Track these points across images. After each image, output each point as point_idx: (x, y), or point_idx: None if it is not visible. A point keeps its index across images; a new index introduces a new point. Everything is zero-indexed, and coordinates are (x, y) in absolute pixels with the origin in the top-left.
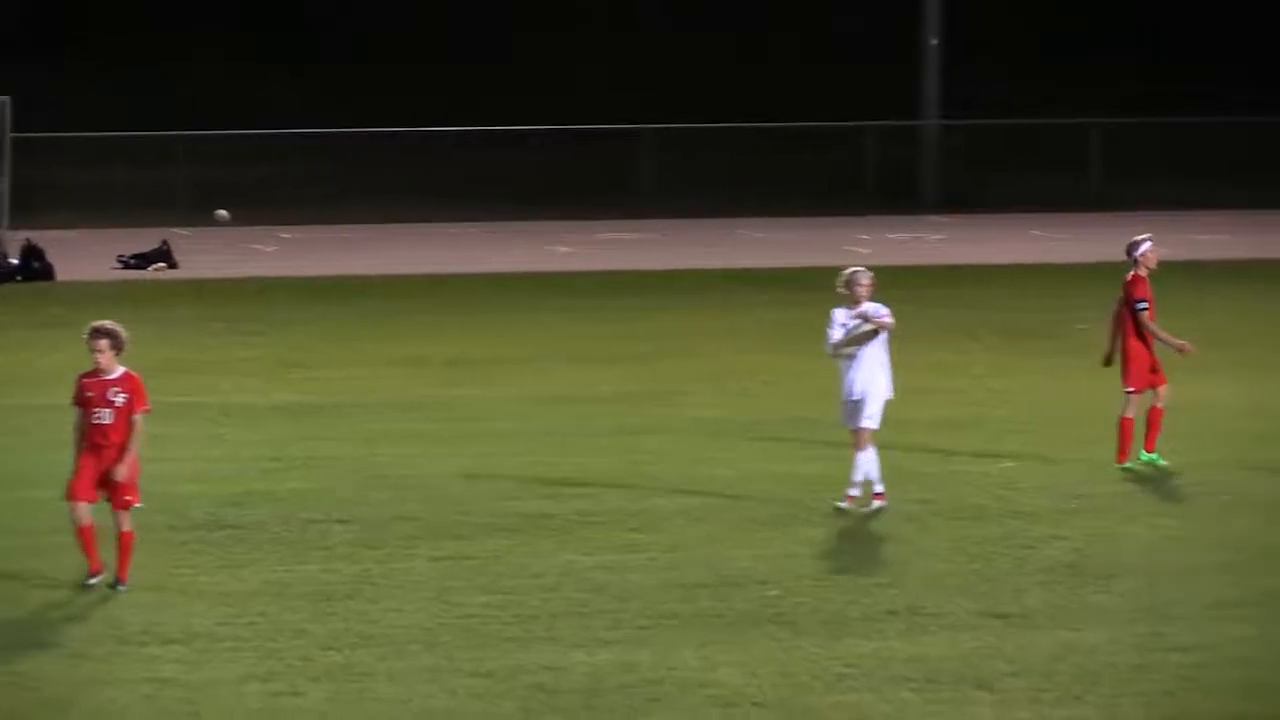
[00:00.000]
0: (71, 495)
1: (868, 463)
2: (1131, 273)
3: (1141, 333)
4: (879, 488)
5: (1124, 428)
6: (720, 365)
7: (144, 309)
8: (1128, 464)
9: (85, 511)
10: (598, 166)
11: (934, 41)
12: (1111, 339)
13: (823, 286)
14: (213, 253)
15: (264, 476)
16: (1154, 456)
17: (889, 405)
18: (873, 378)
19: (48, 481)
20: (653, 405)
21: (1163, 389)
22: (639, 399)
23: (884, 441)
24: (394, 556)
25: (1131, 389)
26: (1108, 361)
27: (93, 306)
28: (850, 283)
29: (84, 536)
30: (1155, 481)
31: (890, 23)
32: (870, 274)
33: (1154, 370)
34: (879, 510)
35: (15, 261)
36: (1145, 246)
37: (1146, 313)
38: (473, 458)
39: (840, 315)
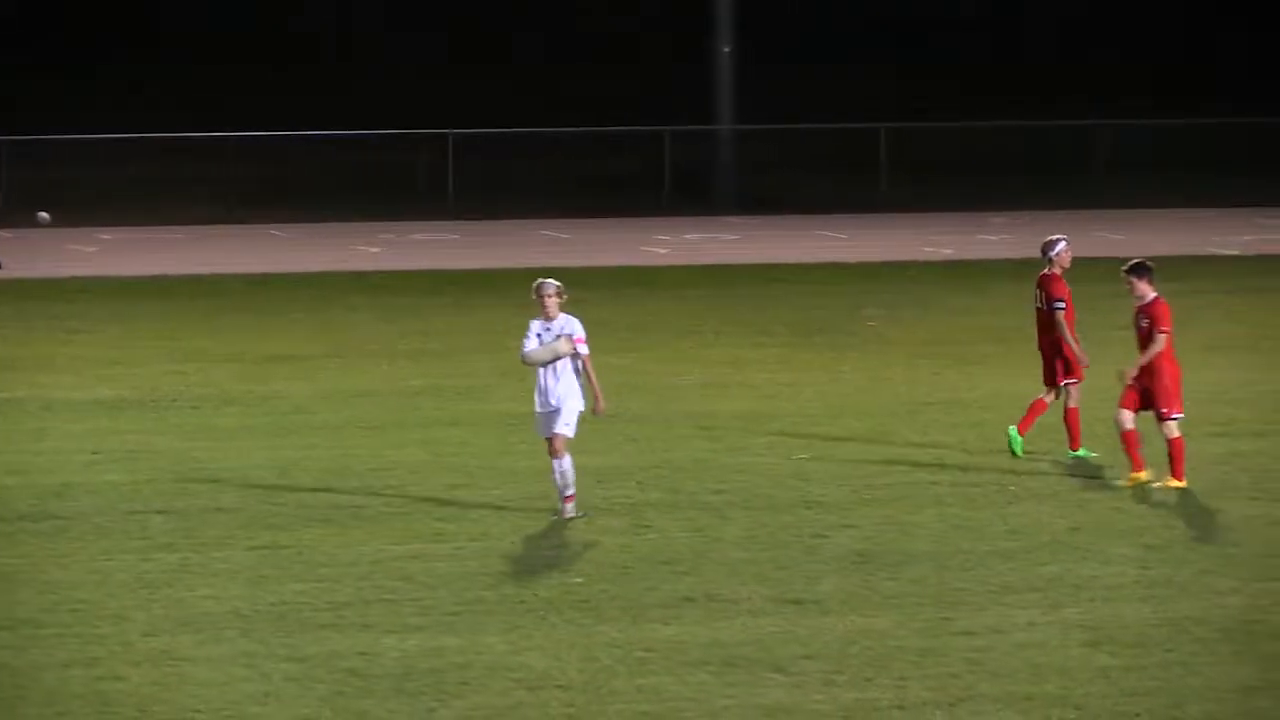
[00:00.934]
0: None
1: (565, 469)
2: (1046, 271)
3: (1061, 327)
4: (570, 491)
5: (1070, 418)
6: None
7: None
8: (1080, 452)
9: None
10: (405, 169)
11: (727, 49)
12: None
13: (621, 285)
14: (34, 253)
15: (85, 469)
16: (1083, 452)
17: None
18: (569, 388)
19: None
20: (459, 400)
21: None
22: (446, 394)
23: (682, 432)
24: (211, 546)
25: (1073, 380)
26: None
27: None
28: (538, 293)
29: None
30: (944, 471)
31: (686, 29)
32: (557, 285)
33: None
34: (573, 518)
35: None
36: (1060, 246)
37: (1063, 312)
38: (288, 450)
39: (535, 326)
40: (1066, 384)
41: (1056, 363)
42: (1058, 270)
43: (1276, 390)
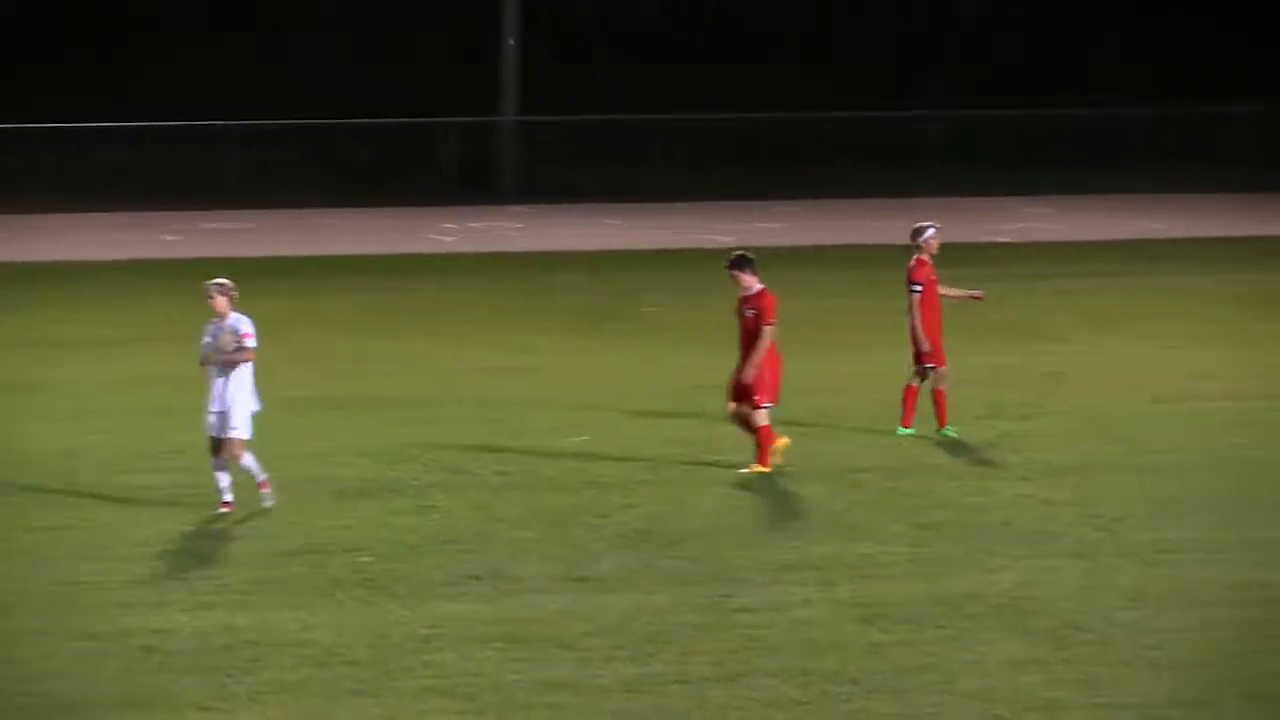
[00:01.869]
0: None
1: (248, 465)
2: (915, 257)
3: (912, 311)
4: (262, 477)
5: (937, 398)
6: (312, 346)
7: None
8: (947, 429)
9: None
10: (195, 161)
11: (511, 41)
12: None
13: (407, 273)
14: None
15: None
16: (947, 429)
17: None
18: (239, 389)
19: None
20: None
21: (944, 369)
22: None
23: (467, 415)
24: (3, 527)
25: (931, 364)
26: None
27: None
28: (208, 294)
29: None
30: (722, 451)
31: (472, 22)
32: (221, 283)
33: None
34: (268, 506)
35: None
36: (929, 233)
37: (917, 297)
38: (80, 433)
39: (210, 328)
40: (926, 367)
41: (935, 342)
42: (925, 256)
43: (1044, 374)
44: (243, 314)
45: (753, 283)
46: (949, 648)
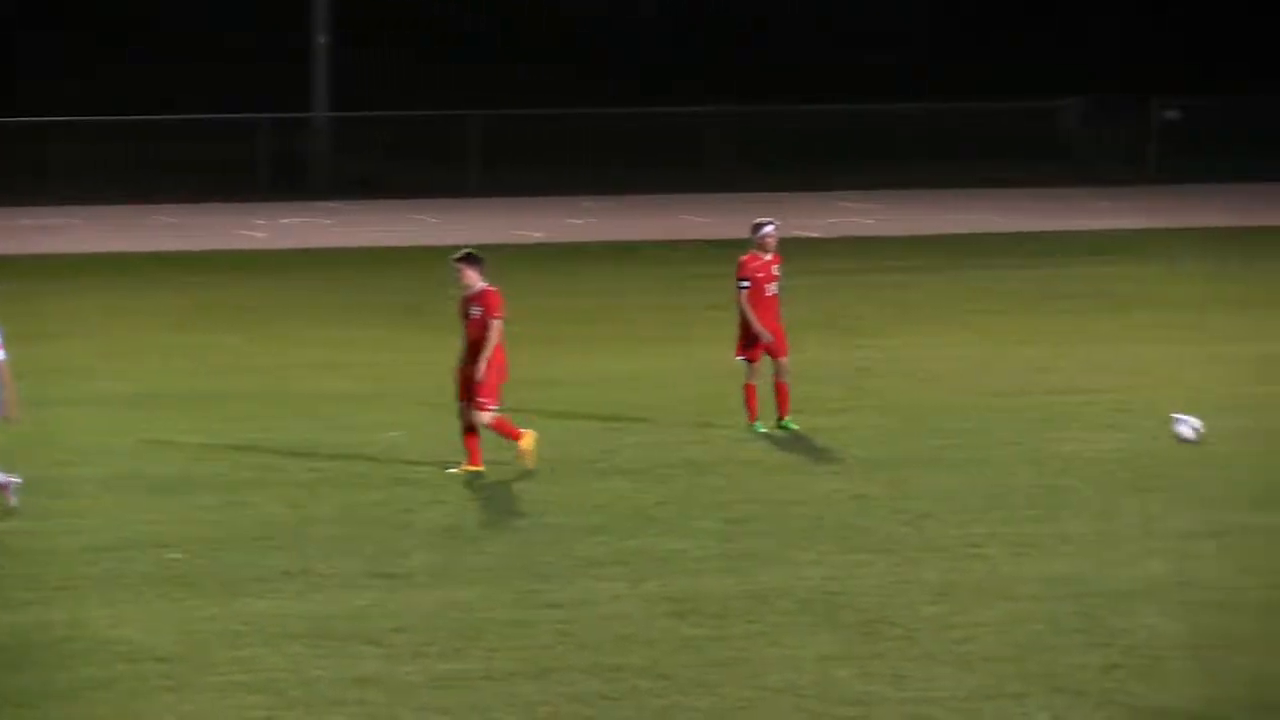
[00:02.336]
0: None
1: None
2: (749, 252)
3: (743, 306)
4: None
5: (749, 393)
6: (127, 343)
7: None
8: (788, 421)
9: None
10: (15, 157)
11: (322, 39)
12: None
13: (222, 269)
14: None
15: None
16: (788, 422)
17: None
18: None
19: None
20: (64, 380)
21: (784, 360)
22: (51, 374)
23: (280, 411)
24: None
25: (749, 358)
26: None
27: None
28: None
29: None
30: (537, 446)
31: (282, 19)
32: None
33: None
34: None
35: None
36: (767, 229)
37: (744, 292)
38: None
39: None
40: (743, 359)
41: (745, 336)
42: (762, 252)
43: (858, 368)
44: None
45: (476, 280)
46: (759, 642)
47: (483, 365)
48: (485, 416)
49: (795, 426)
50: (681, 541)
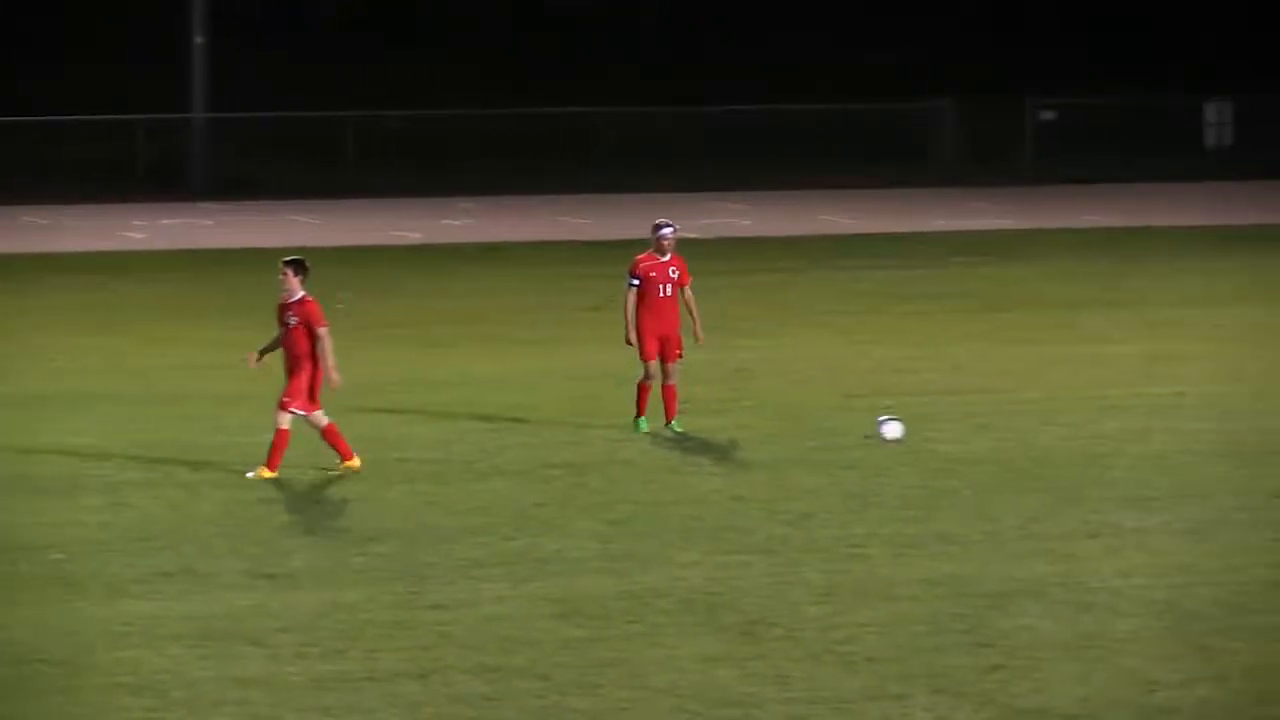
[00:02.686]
0: None
1: None
2: (647, 251)
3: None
4: None
5: (642, 392)
6: (7, 345)
7: None
8: (641, 422)
9: None
10: None
11: (200, 39)
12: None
13: (103, 269)
14: None
15: None
16: (674, 424)
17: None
18: None
19: None
20: None
21: (673, 364)
22: None
23: (162, 413)
24: None
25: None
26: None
27: None
28: None
29: None
30: (411, 448)
31: (164, 22)
32: None
33: (672, 343)
34: None
35: None
36: (665, 231)
37: (632, 291)
38: None
39: None
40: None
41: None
42: (654, 251)
43: (734, 369)
44: None
45: (297, 288)
46: (639, 643)
47: (334, 374)
48: (284, 419)
49: (681, 429)
50: (562, 542)
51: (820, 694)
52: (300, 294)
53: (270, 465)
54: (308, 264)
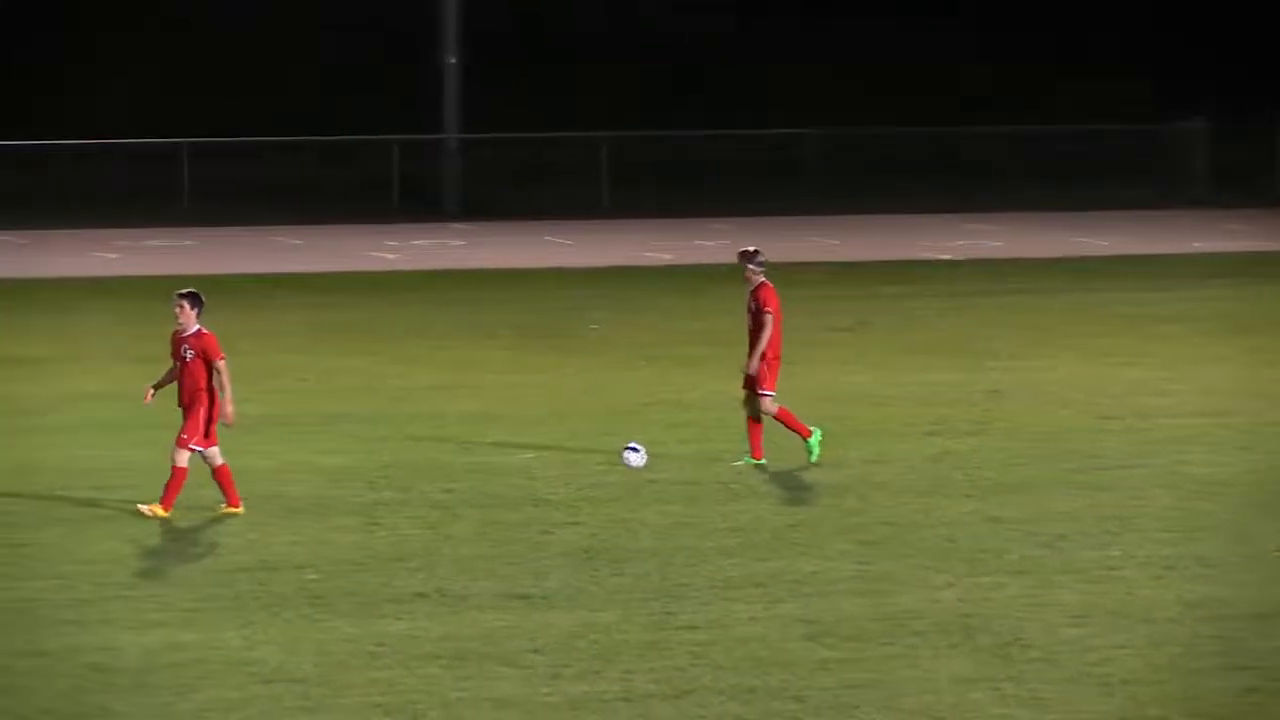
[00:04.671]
0: None
1: None
2: (761, 281)
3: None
4: None
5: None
6: (258, 363)
7: None
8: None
9: None
10: (139, 177)
11: (452, 60)
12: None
13: (354, 288)
14: None
15: None
16: (745, 458)
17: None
18: None
19: None
20: None
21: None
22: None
23: (414, 432)
24: None
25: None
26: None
27: None
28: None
29: None
30: (665, 469)
31: (413, 42)
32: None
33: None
34: None
35: None
36: (746, 263)
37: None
38: (24, 451)
39: None
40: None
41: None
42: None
43: (987, 391)
44: None
45: (192, 321)
46: (895, 665)
47: (229, 408)
48: (181, 455)
49: (742, 464)
50: (817, 563)
51: (1076, 716)
52: (196, 326)
53: (165, 504)
54: (203, 296)
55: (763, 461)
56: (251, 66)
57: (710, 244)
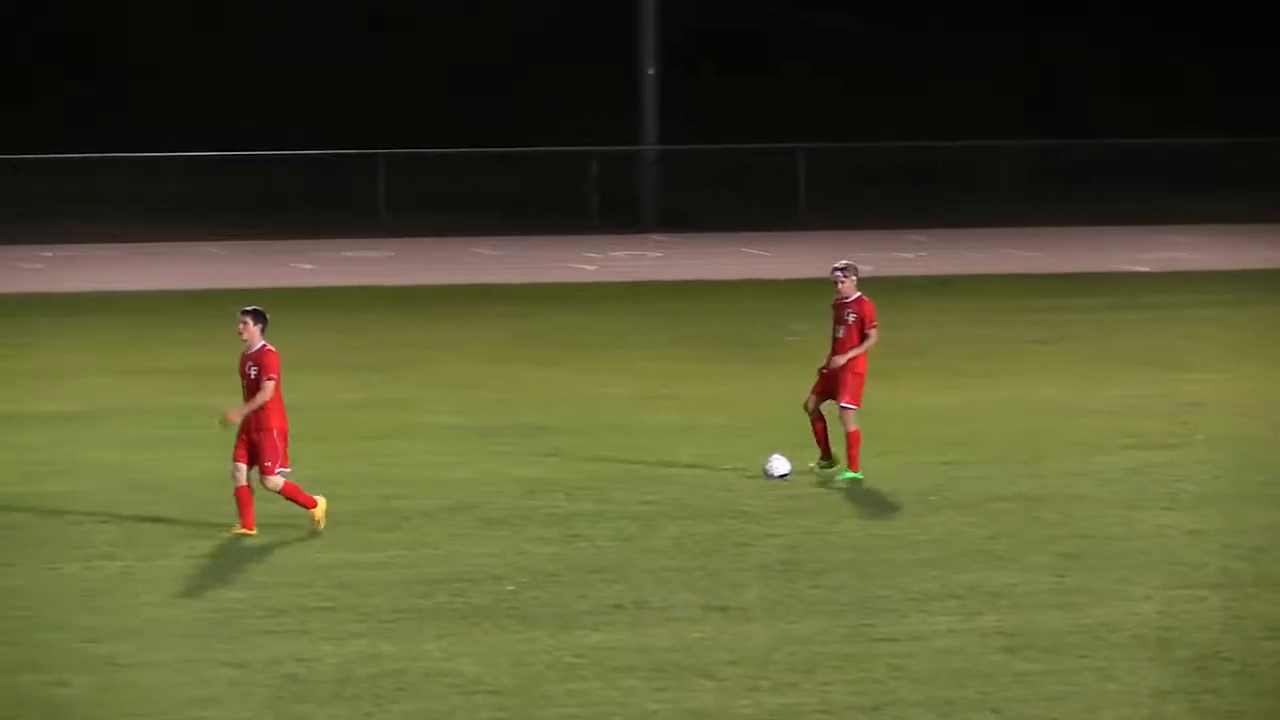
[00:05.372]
0: None
1: None
2: (856, 294)
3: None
4: None
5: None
6: (458, 374)
7: None
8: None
9: None
10: (338, 189)
11: (650, 71)
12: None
13: (553, 300)
14: None
15: (29, 479)
16: (844, 472)
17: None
18: None
19: None
20: (394, 412)
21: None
22: (381, 406)
23: (611, 444)
24: (152, 555)
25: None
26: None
27: None
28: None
29: None
30: (866, 481)
31: (611, 53)
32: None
33: (838, 388)
34: None
35: None
36: (835, 273)
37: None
38: (225, 461)
39: None
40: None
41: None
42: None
43: (1185, 403)
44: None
45: (256, 338)
46: (1091, 677)
47: (237, 413)
48: (274, 481)
49: (846, 477)
50: (1015, 576)
51: None
52: (261, 343)
53: (245, 524)
54: (267, 314)
55: (859, 475)
56: (449, 77)
57: (908, 255)
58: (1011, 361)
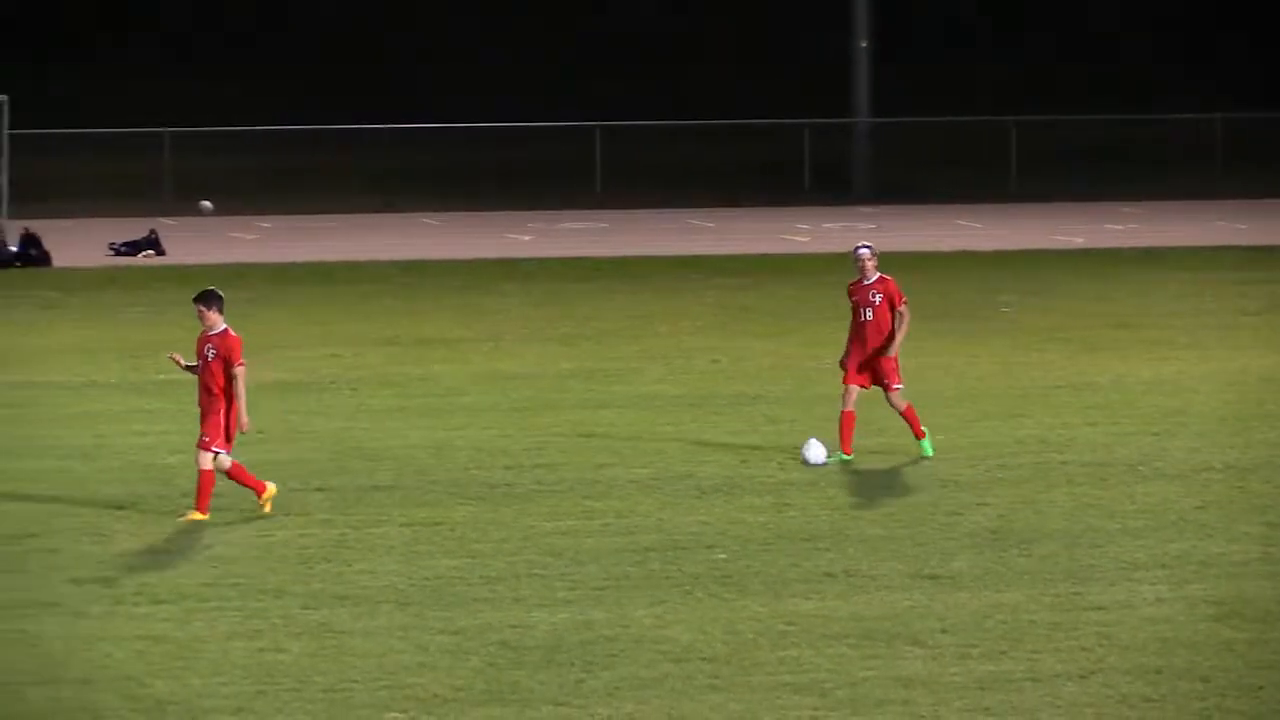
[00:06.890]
0: None
1: None
2: (878, 275)
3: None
4: None
5: (842, 420)
6: (671, 345)
7: (133, 292)
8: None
9: None
10: (555, 161)
11: (864, 43)
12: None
13: (766, 271)
14: (196, 241)
15: (248, 448)
16: (923, 444)
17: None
18: None
19: (46, 453)
20: (608, 382)
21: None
22: (595, 376)
23: (821, 413)
24: (368, 522)
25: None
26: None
27: (86, 290)
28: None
29: None
30: (1074, 451)
31: (824, 26)
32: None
33: (882, 370)
34: None
35: (15, 249)
36: (861, 252)
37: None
38: (441, 430)
39: None
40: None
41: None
42: (857, 276)
43: None
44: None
45: (217, 321)
46: None
47: (244, 416)
48: (215, 461)
49: (932, 452)
50: (1224, 545)
51: None
52: (223, 326)
53: (200, 508)
54: (221, 295)
55: (927, 445)
56: (665, 50)
57: (1119, 228)
58: (1221, 333)
